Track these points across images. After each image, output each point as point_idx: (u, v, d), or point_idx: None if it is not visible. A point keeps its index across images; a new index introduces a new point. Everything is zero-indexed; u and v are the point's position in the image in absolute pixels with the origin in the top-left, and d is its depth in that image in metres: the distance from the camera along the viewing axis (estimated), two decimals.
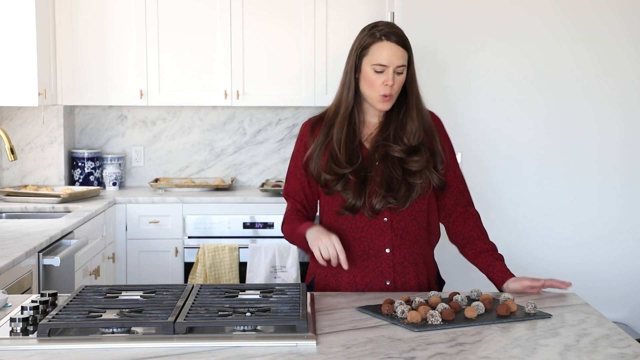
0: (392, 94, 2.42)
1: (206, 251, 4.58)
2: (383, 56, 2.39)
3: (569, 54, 3.78)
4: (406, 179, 2.44)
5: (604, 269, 3.85)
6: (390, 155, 2.46)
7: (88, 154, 5.11)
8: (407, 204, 2.45)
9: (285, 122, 5.29)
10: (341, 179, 2.45)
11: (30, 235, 3.38)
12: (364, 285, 2.49)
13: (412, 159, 2.45)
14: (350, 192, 2.44)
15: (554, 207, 3.83)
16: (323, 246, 2.35)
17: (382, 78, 2.40)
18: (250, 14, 4.91)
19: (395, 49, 2.39)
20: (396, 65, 2.40)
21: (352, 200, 2.44)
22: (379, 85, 2.40)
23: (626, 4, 3.77)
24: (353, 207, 2.45)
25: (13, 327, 1.94)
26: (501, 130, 3.80)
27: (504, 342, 1.93)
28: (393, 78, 2.39)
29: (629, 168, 3.83)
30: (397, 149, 2.45)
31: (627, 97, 3.81)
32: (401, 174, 2.45)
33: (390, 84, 2.39)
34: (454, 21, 3.76)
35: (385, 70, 2.39)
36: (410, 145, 2.45)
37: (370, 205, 2.44)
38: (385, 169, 2.46)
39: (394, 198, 2.44)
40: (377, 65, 2.40)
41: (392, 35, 2.40)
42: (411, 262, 2.50)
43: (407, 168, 2.45)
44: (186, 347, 1.85)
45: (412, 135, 2.46)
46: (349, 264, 2.41)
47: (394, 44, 2.40)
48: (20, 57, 4.44)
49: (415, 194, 2.45)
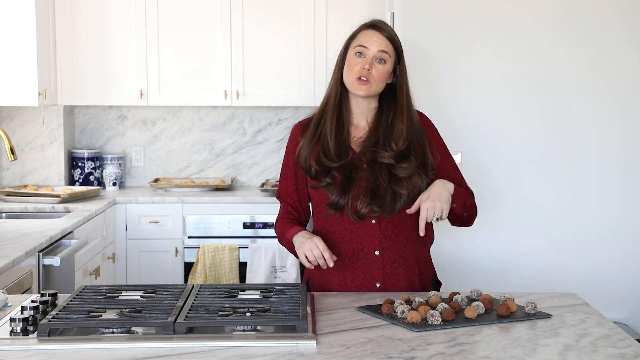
0: (370, 81, 2.44)
1: (206, 251, 4.58)
2: (365, 39, 2.46)
3: (569, 54, 3.78)
4: (392, 187, 2.43)
5: (604, 269, 3.85)
6: (378, 161, 2.46)
7: (88, 154, 5.11)
8: (392, 212, 2.44)
9: (285, 122, 5.29)
10: (328, 173, 2.46)
11: (30, 235, 3.38)
12: (355, 287, 2.49)
13: (400, 165, 2.44)
14: (334, 189, 2.45)
15: (553, 208, 3.83)
16: (307, 249, 2.35)
17: (361, 62, 2.45)
18: (250, 14, 4.91)
19: (378, 36, 2.46)
20: (376, 50, 2.44)
21: (335, 197, 2.44)
22: (357, 69, 2.45)
23: (625, 4, 3.77)
24: (337, 205, 2.45)
25: (13, 327, 1.94)
26: (501, 131, 3.80)
27: (504, 342, 1.93)
28: (371, 63, 2.44)
29: (629, 168, 3.83)
30: (385, 155, 2.45)
31: (626, 97, 3.81)
32: (387, 180, 2.43)
33: (367, 67, 2.43)
34: (454, 21, 3.76)
35: (366, 54, 2.45)
36: (399, 150, 2.45)
37: (355, 210, 2.44)
38: (371, 174, 2.45)
39: (379, 207, 2.43)
40: (358, 46, 2.46)
41: (378, 26, 2.49)
42: (401, 263, 2.49)
43: (395, 174, 2.44)
44: (186, 347, 1.85)
45: (401, 138, 2.46)
46: (338, 264, 2.44)
47: (378, 32, 2.47)
48: (20, 57, 4.44)
49: (400, 203, 2.44)
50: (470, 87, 3.78)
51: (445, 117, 3.63)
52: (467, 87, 3.78)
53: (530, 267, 3.83)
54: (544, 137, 3.81)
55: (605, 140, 3.82)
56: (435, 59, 3.76)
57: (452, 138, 3.69)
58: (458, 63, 3.77)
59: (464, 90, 3.78)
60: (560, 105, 3.80)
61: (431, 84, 3.74)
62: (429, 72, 3.75)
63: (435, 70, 3.76)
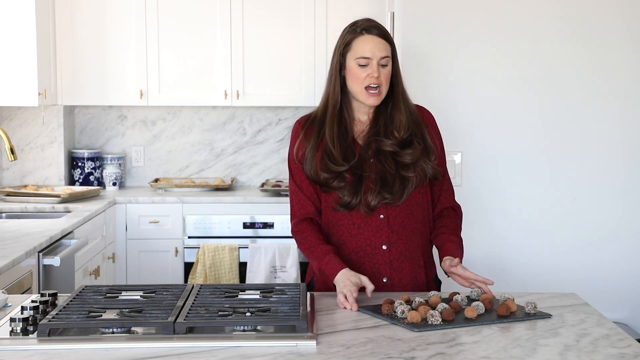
0: (380, 87, 2.45)
1: (206, 251, 4.58)
2: (365, 49, 2.44)
3: (569, 54, 3.78)
4: (400, 173, 2.46)
5: (604, 269, 3.84)
6: (382, 150, 2.48)
7: (88, 154, 5.11)
8: (402, 198, 2.46)
9: (285, 122, 5.29)
10: (338, 176, 2.46)
11: (30, 235, 3.38)
12: None
13: (405, 151, 2.47)
14: (346, 190, 2.45)
15: (553, 208, 3.83)
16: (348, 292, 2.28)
17: (367, 71, 2.44)
18: (250, 14, 4.91)
19: (376, 41, 2.44)
20: (379, 57, 2.44)
21: (347, 198, 2.45)
22: (364, 79, 2.44)
23: (625, 4, 3.77)
24: (348, 205, 2.46)
25: (13, 327, 1.94)
26: (501, 131, 3.80)
27: (504, 342, 1.93)
28: (378, 70, 2.43)
29: (629, 168, 3.83)
30: (388, 143, 2.47)
31: (626, 97, 3.80)
32: (394, 167, 2.46)
33: (375, 75, 2.42)
34: (454, 21, 3.76)
35: (370, 63, 2.43)
36: (401, 138, 2.47)
37: (366, 202, 2.45)
38: (378, 164, 2.47)
39: (389, 193, 2.45)
40: (360, 58, 2.44)
41: (372, 29, 2.46)
42: (407, 257, 2.51)
43: (401, 161, 2.47)
44: (186, 347, 1.85)
45: (402, 127, 2.48)
46: (345, 260, 2.46)
47: (375, 37, 2.45)
48: (20, 57, 4.44)
49: (410, 187, 2.47)
50: (471, 86, 3.78)
51: (445, 117, 3.62)
52: (467, 86, 3.78)
53: (530, 267, 3.83)
54: (544, 137, 3.81)
55: (605, 140, 3.82)
56: (435, 58, 3.76)
57: (452, 138, 3.71)
58: (458, 63, 3.77)
59: (464, 90, 3.78)
60: (560, 105, 3.80)
61: (431, 83, 3.74)
62: (429, 72, 3.74)
63: (436, 70, 3.76)
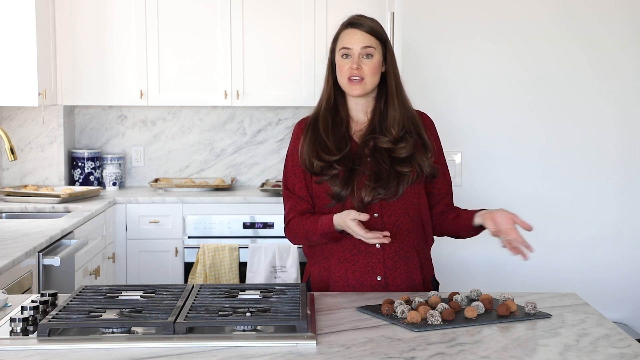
0: (364, 78, 2.49)
1: (206, 251, 4.58)
2: (346, 40, 2.51)
3: (569, 54, 3.78)
4: (395, 169, 2.48)
5: (604, 268, 3.85)
6: (378, 147, 2.50)
7: (88, 154, 5.11)
8: (397, 194, 2.47)
9: (285, 122, 5.29)
10: (330, 167, 2.47)
11: (30, 235, 3.38)
12: (355, 281, 2.50)
13: (399, 146, 2.49)
14: (337, 181, 2.47)
15: (553, 208, 3.83)
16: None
17: (349, 63, 2.50)
18: (250, 14, 4.91)
19: (358, 34, 2.51)
20: (360, 47, 2.48)
21: (337, 189, 2.47)
22: (347, 70, 2.50)
23: (625, 4, 3.77)
24: (339, 195, 2.47)
25: (13, 327, 1.94)
26: (501, 131, 3.80)
27: (504, 342, 1.93)
28: (359, 61, 2.48)
29: (629, 168, 3.83)
30: (384, 140, 2.49)
31: (626, 97, 3.80)
32: (389, 163, 2.48)
33: (355, 66, 2.48)
34: (455, 21, 3.76)
35: (351, 54, 2.49)
36: (397, 135, 2.50)
37: (360, 198, 2.45)
38: (373, 161, 2.49)
39: (384, 189, 2.46)
40: (342, 49, 2.51)
41: (356, 23, 2.53)
42: (402, 256, 2.51)
43: (395, 156, 2.48)
44: (186, 347, 1.85)
45: (396, 123, 2.50)
46: (339, 258, 2.49)
47: (357, 30, 2.51)
48: (20, 57, 4.45)
49: (405, 182, 2.48)
50: (471, 86, 3.78)
51: (445, 117, 3.63)
52: (467, 86, 3.78)
53: (530, 267, 3.82)
54: (544, 137, 3.81)
55: (605, 139, 3.82)
56: (436, 58, 3.76)
57: (451, 138, 3.71)
58: (458, 63, 3.77)
59: (464, 89, 3.78)
60: (560, 105, 3.80)
61: (431, 83, 3.74)
62: (429, 72, 3.75)
63: (436, 69, 3.76)
